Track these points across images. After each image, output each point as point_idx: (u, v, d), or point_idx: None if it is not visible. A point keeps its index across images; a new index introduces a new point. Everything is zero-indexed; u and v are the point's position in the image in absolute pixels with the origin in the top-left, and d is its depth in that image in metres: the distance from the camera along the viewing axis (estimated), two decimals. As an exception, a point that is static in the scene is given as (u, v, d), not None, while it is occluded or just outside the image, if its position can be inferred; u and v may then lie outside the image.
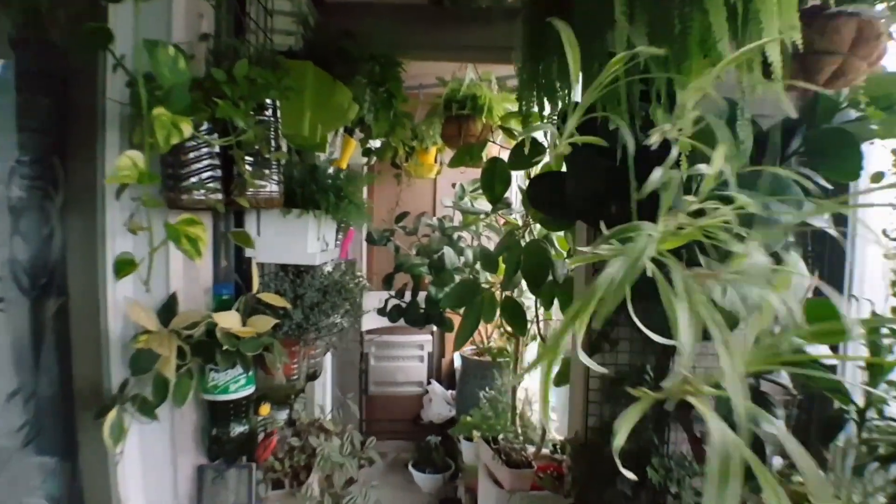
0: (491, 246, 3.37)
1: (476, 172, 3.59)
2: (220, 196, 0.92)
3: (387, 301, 2.98)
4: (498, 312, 1.86)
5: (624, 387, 1.60)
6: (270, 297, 1.07)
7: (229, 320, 0.92)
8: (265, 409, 1.16)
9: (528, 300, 2.16)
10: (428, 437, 3.32)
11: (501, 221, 3.00)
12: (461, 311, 1.80)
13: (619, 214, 1.43)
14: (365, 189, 3.66)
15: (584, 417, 1.60)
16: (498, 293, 1.90)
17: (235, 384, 1.02)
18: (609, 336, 1.54)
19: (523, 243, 1.78)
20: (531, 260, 1.72)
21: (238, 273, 1.18)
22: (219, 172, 0.92)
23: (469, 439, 2.76)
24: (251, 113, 0.88)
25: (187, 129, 0.73)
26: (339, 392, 1.91)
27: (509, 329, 2.14)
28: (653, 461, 1.42)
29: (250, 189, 0.96)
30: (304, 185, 1.10)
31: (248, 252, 1.16)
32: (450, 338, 3.77)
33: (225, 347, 0.89)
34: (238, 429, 1.05)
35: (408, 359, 3.68)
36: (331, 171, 1.21)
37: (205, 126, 0.87)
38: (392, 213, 3.38)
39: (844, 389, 1.20)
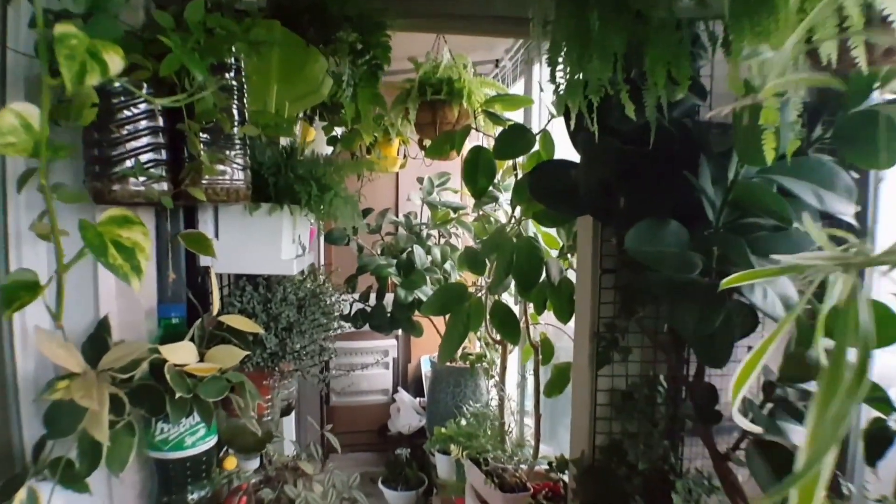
0: (459, 244, 3.20)
1: (443, 165, 3.41)
2: (165, 186, 0.69)
3: (350, 305, 2.75)
4: (486, 319, 1.67)
5: (636, 401, 1.46)
6: (237, 321, 0.84)
7: (182, 354, 0.69)
8: (231, 462, 0.92)
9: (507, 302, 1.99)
10: (397, 450, 3.11)
11: (471, 218, 2.82)
12: (443, 316, 1.60)
13: (633, 208, 1.27)
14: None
15: (590, 435, 1.43)
16: (481, 297, 1.71)
17: (193, 436, 0.78)
18: (618, 344, 1.38)
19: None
20: (523, 260, 1.55)
21: (191, 289, 0.93)
22: (164, 154, 0.69)
23: (444, 452, 2.57)
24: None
25: (115, 62, 0.49)
26: (311, 421, 1.67)
27: (496, 337, 1.96)
28: (676, 484, 1.27)
29: (207, 177, 0.73)
30: (278, 172, 0.87)
31: (204, 260, 0.92)
32: (416, 342, 3.57)
33: (178, 395, 0.66)
34: (197, 493, 0.81)
35: (372, 366, 3.45)
36: (308, 156, 0.98)
37: (144, 90, 0.64)
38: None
39: (887, 396, 1.08)
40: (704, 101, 1.28)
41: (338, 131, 2.14)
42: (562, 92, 0.88)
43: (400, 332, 3.24)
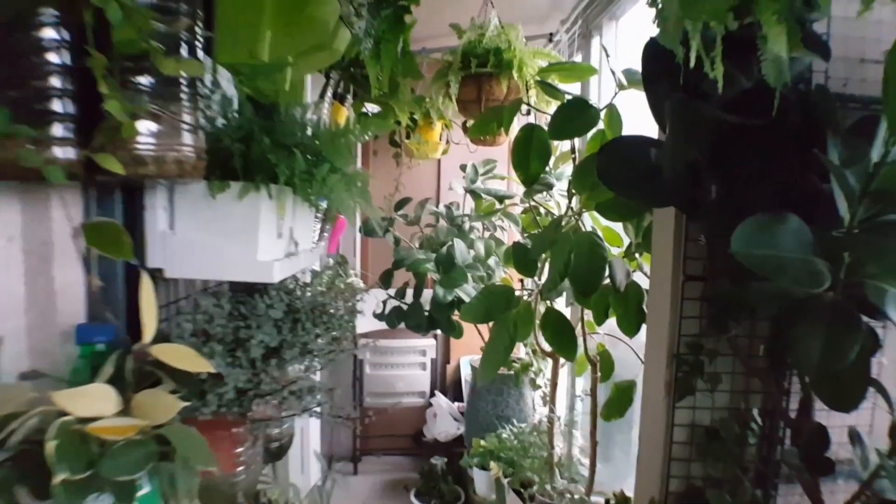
0: (505, 238, 2.94)
1: (489, 152, 3.15)
2: (72, 152, 0.48)
3: (384, 303, 2.54)
4: (535, 328, 1.43)
5: (724, 440, 1.18)
6: (171, 352, 0.60)
7: (89, 403, 0.47)
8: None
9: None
10: (433, 460, 2.90)
11: (519, 209, 2.56)
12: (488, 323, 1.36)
13: (732, 198, 0.99)
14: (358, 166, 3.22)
15: (662, 479, 1.17)
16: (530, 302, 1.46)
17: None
18: (704, 370, 1.11)
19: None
20: (583, 259, 1.29)
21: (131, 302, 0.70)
22: (72, 107, 0.47)
23: (483, 467, 2.34)
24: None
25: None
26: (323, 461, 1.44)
27: (546, 348, 1.71)
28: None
29: (135, 141, 0.50)
30: (249, 138, 0.64)
31: (154, 259, 0.69)
32: (456, 342, 3.34)
33: (62, 476, 0.41)
34: None
35: (408, 366, 3.25)
36: (300, 116, 0.75)
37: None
38: (390, 200, 2.93)
39: None
40: (827, 61, 0.99)
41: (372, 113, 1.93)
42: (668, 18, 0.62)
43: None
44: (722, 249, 1.01)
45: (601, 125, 1.39)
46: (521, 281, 3.46)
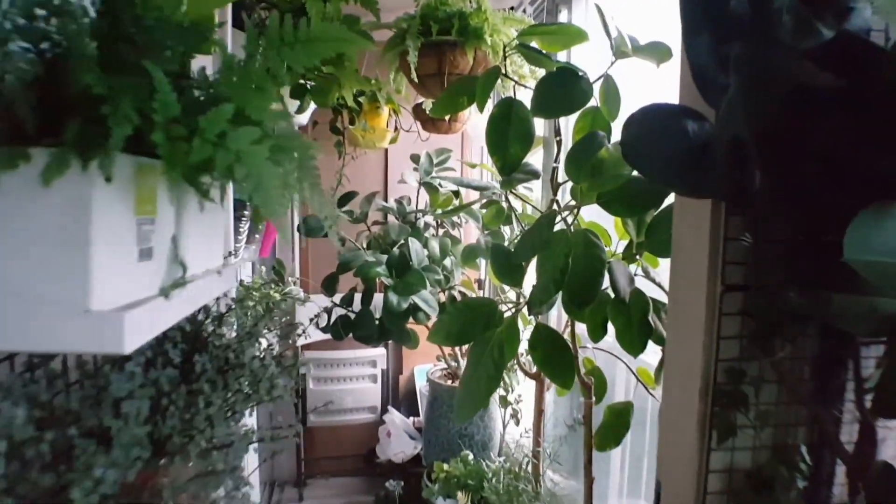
0: (461, 236, 2.69)
1: (442, 140, 2.88)
2: None
3: (328, 311, 2.24)
4: (522, 349, 1.17)
5: (773, 490, 0.97)
6: None
7: None
8: None
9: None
10: (388, 483, 2.61)
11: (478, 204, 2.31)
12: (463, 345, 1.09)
13: (796, 186, 0.77)
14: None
15: (693, 539, 0.94)
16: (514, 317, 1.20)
17: None
18: (747, 402, 0.88)
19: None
20: (580, 264, 1.05)
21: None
22: None
23: (448, 495, 2.08)
24: None
25: None
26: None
27: (530, 369, 1.46)
28: None
29: None
30: (62, 56, 0.33)
31: None
32: (408, 350, 3.07)
33: None
34: None
35: (357, 379, 2.95)
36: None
37: None
38: (333, 195, 2.61)
39: None
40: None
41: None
42: None
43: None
44: (777, 250, 0.79)
45: (594, 101, 1.16)
46: (478, 282, 3.23)
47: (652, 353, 1.23)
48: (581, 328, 1.32)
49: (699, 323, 0.88)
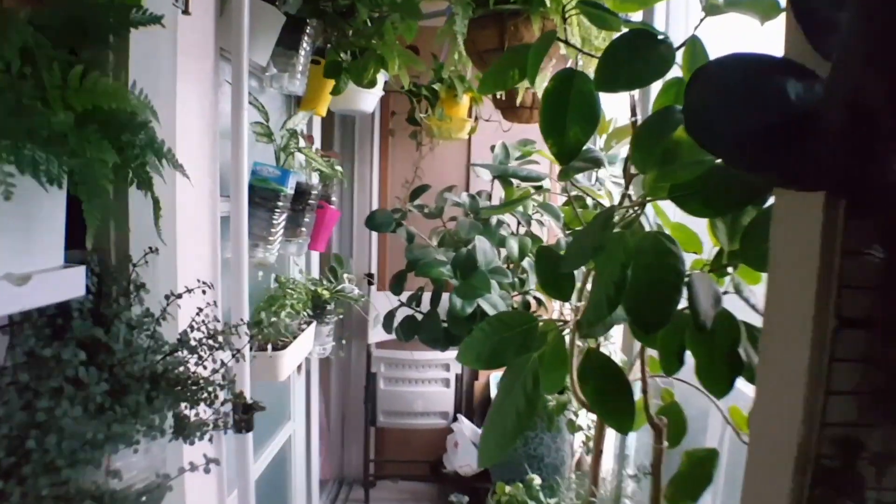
0: (544, 236, 2.46)
1: (528, 131, 2.67)
2: None
3: (392, 312, 2.12)
4: (571, 376, 0.96)
5: None
6: None
7: None
8: None
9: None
10: (452, 497, 2.46)
11: (561, 200, 2.09)
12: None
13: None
14: (374, 153, 2.79)
15: None
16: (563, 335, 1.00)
17: None
18: (863, 488, 0.63)
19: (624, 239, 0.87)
20: (646, 275, 0.83)
21: None
22: None
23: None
24: None
25: None
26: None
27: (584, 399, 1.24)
28: None
29: None
30: None
31: None
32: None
33: None
34: None
35: (429, 382, 2.82)
36: None
37: None
38: (409, 188, 2.50)
39: None
40: None
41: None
42: None
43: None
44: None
45: (677, 71, 0.92)
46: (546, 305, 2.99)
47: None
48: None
49: (800, 369, 0.64)
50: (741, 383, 0.93)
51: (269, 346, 1.38)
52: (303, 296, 1.56)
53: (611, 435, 1.29)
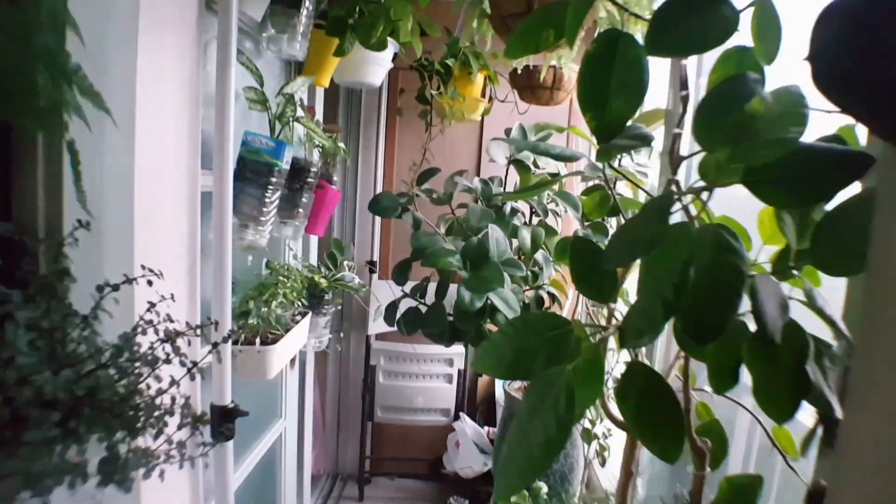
0: (558, 226, 2.31)
1: (546, 113, 2.51)
2: None
3: (395, 303, 1.98)
4: (605, 393, 0.82)
5: None
6: None
7: None
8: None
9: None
10: (452, 500, 2.34)
11: (577, 189, 1.94)
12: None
13: None
14: (380, 133, 2.64)
15: None
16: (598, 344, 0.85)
17: None
18: None
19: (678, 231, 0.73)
20: (705, 275, 0.69)
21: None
22: None
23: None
24: None
25: None
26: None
27: (618, 415, 1.10)
28: None
29: None
30: None
31: None
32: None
33: None
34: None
35: (431, 377, 2.69)
36: None
37: None
38: (416, 171, 2.35)
39: None
40: None
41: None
42: None
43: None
44: None
45: (742, 36, 0.77)
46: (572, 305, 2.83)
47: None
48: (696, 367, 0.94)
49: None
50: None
51: (258, 340, 1.25)
52: (297, 284, 1.41)
53: (643, 459, 1.15)
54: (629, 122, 0.87)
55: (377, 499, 2.75)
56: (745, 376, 0.80)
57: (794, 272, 0.85)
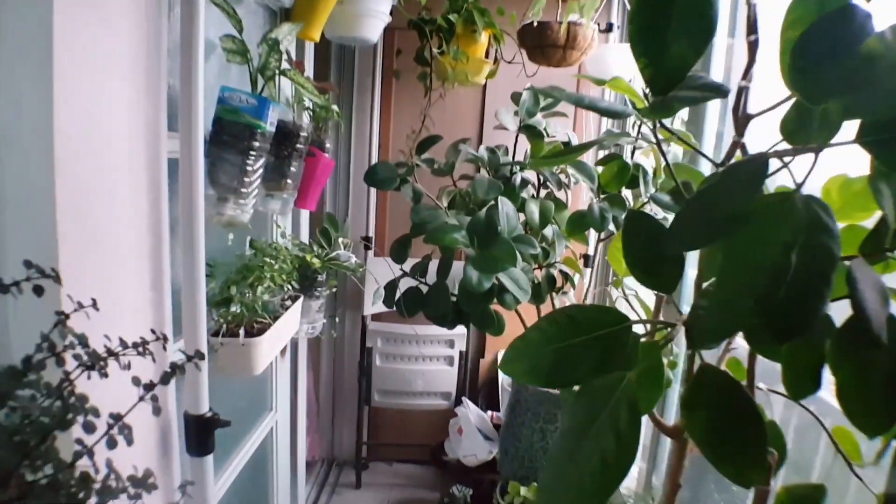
0: (567, 199, 2.16)
1: (554, 76, 2.33)
2: None
3: (394, 283, 1.83)
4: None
5: None
6: None
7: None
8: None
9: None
10: (454, 489, 2.23)
11: (589, 159, 1.79)
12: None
13: None
14: (375, 98, 2.45)
15: None
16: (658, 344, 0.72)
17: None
18: None
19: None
20: (799, 262, 0.54)
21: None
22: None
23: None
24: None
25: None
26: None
27: (663, 420, 0.96)
28: None
29: None
30: None
31: None
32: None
33: None
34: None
35: (431, 360, 2.57)
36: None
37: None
38: (414, 139, 2.18)
39: None
40: None
41: None
42: None
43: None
44: None
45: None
46: (584, 258, 2.68)
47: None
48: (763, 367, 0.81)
49: None
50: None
51: (242, 331, 1.09)
52: (287, 265, 1.26)
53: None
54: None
55: (375, 485, 2.65)
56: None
57: (890, 254, 0.71)
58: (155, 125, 0.83)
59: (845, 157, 0.64)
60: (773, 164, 0.63)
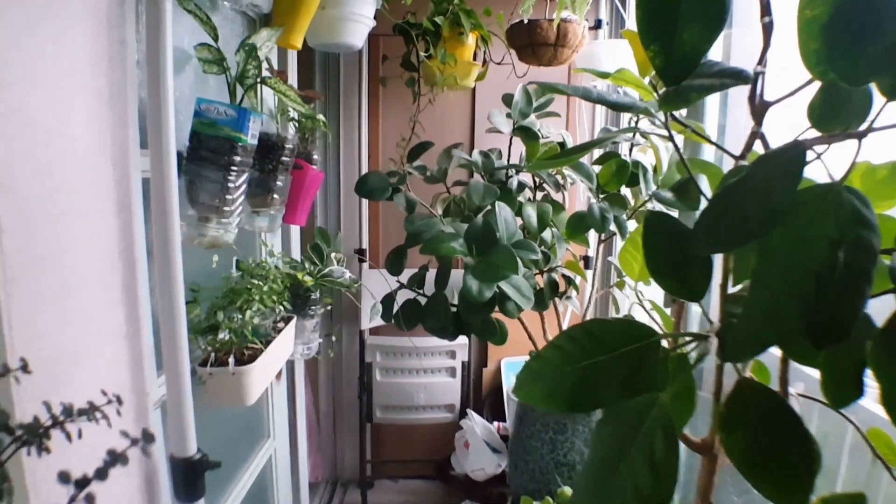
0: (564, 201, 2.10)
1: (544, 76, 2.28)
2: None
3: (391, 296, 1.77)
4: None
5: None
6: None
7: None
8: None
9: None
10: (463, 505, 2.16)
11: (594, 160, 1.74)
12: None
13: None
14: (362, 106, 2.39)
15: None
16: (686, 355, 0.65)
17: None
18: None
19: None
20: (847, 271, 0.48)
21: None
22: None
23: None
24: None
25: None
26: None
27: (692, 436, 0.90)
28: None
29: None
30: None
31: None
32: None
33: None
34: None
35: (432, 372, 2.50)
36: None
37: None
38: (404, 146, 2.13)
39: None
40: None
41: None
42: None
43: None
44: None
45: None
46: (584, 260, 2.63)
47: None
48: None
49: None
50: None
51: (232, 359, 1.03)
52: (277, 285, 1.20)
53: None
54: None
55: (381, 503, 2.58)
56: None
57: None
58: (123, 142, 0.76)
59: (849, 147, 0.59)
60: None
